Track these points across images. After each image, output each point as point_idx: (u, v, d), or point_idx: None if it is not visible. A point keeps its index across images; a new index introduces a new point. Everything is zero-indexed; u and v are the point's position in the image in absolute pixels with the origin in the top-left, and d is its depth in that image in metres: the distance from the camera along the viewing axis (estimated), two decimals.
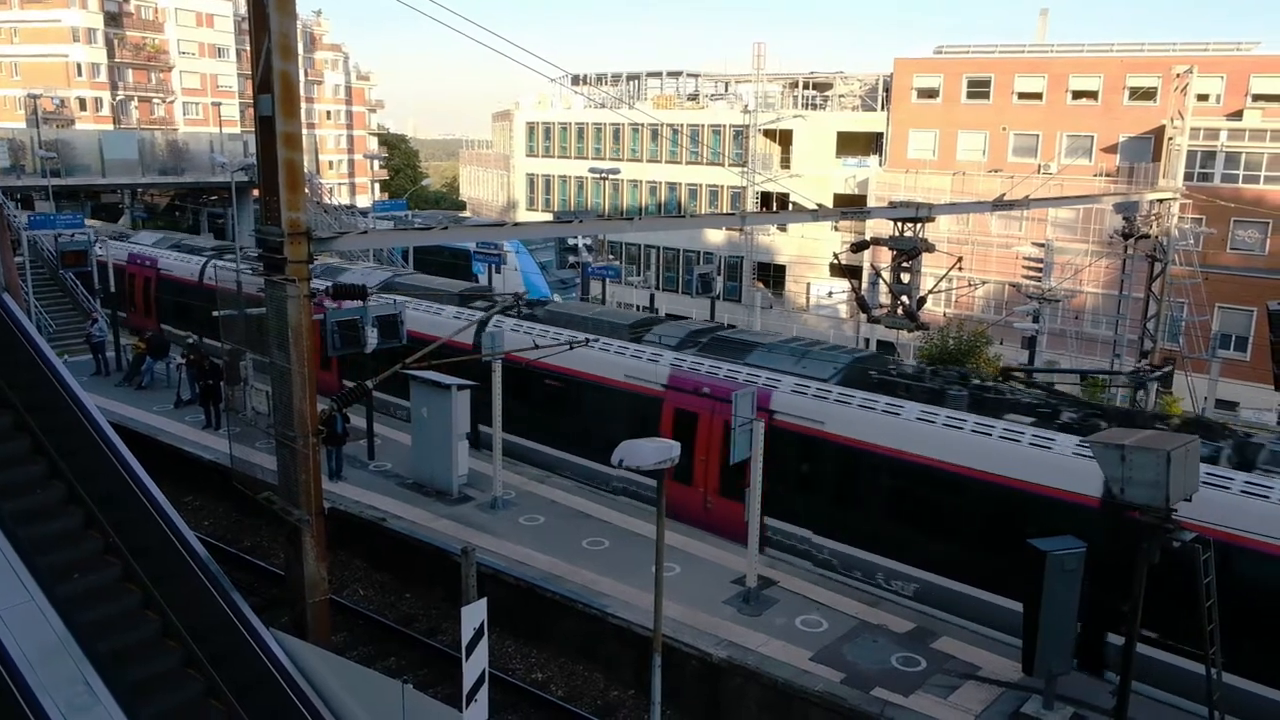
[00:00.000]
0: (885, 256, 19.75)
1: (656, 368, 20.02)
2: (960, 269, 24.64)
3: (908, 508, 16.77)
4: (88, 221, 37.39)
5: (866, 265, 40.46)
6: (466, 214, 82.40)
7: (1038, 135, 47.43)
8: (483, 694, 11.60)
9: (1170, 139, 31.51)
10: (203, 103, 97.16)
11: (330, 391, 15.76)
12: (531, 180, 71.10)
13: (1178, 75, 31.66)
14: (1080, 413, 16.10)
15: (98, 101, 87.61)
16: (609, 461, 10.57)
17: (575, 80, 66.59)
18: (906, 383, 17.49)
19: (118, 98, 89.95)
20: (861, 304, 20.65)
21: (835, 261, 23.81)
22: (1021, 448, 15.43)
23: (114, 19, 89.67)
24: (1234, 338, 40.43)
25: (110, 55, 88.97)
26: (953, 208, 22.75)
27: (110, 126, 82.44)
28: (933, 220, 18.50)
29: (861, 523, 16.94)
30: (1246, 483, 13.62)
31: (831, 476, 17.52)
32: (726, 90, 65.71)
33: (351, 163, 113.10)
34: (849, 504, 17.43)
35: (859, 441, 16.30)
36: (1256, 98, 41.81)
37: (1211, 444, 14.46)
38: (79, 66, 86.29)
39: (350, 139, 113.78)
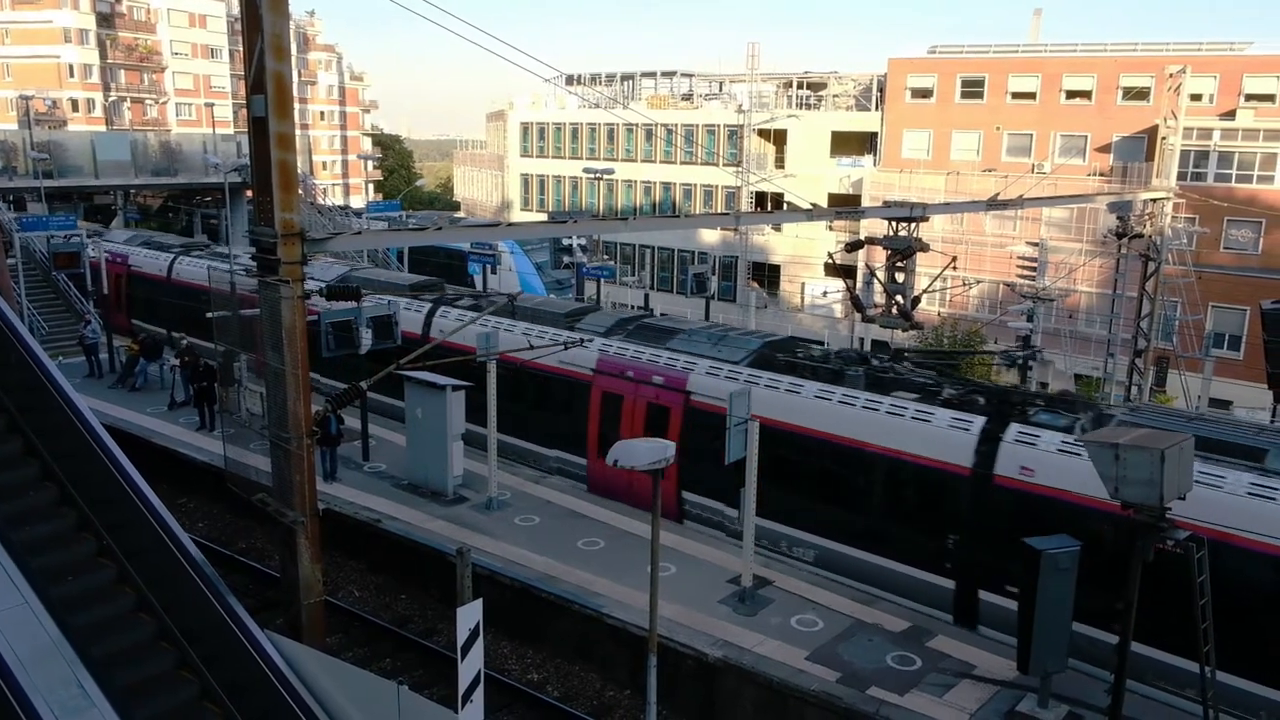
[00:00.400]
0: (880, 256, 19.81)
1: (586, 354, 20.85)
2: (955, 268, 24.81)
3: (808, 479, 17.93)
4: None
5: (861, 265, 40.61)
6: (461, 215, 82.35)
7: (1032, 135, 47.52)
8: (478, 695, 11.58)
9: (1164, 138, 31.54)
10: (196, 104, 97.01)
11: None
12: (526, 180, 71.06)
13: (1171, 75, 31.67)
14: (961, 390, 17.47)
15: (90, 103, 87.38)
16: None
17: (569, 80, 66.60)
18: (809, 364, 18.74)
19: (110, 99, 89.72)
20: (856, 303, 20.69)
21: (830, 261, 23.89)
22: (905, 421, 16.73)
23: (106, 20, 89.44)
24: (1227, 337, 40.53)
25: (102, 56, 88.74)
26: (947, 207, 22.76)
27: (103, 128, 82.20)
28: (927, 220, 18.56)
29: (766, 494, 17.06)
30: None
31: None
32: (721, 90, 65.74)
33: (345, 163, 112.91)
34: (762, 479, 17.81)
35: (764, 418, 16.45)
36: (1249, 97, 41.94)
37: (1070, 416, 15.80)
38: (71, 68, 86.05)
39: (344, 140, 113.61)
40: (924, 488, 16.40)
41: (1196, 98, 40.14)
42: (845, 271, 25.84)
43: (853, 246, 19.55)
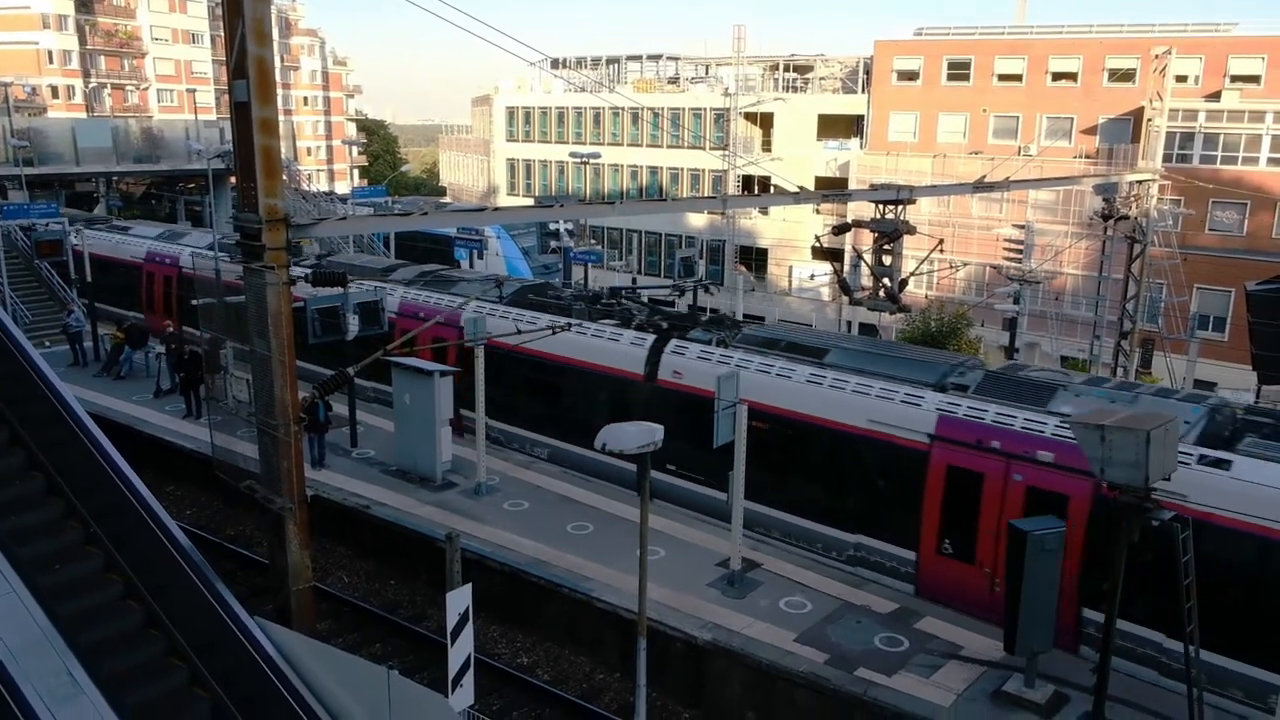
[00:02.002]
0: (867, 239, 19.81)
1: (391, 299, 22.71)
2: (941, 251, 24.90)
3: (543, 392, 22.35)
4: None
5: (848, 248, 40.61)
6: (447, 200, 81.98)
7: (1018, 117, 47.56)
8: (468, 679, 11.63)
9: (1149, 120, 31.64)
10: (177, 90, 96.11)
11: None
12: (512, 165, 70.77)
13: (1156, 56, 31.71)
14: (650, 317, 21.80)
15: (70, 89, 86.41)
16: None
17: (555, 64, 66.26)
18: (551, 301, 23.48)
19: (90, 85, 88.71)
20: (843, 286, 20.70)
21: (817, 245, 23.91)
22: (604, 342, 20.99)
23: (85, 5, 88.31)
24: (1212, 318, 40.77)
25: (82, 42, 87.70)
26: (933, 190, 22.78)
27: (83, 115, 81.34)
28: (914, 203, 18.54)
29: (515, 406, 22.67)
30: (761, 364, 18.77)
31: (496, 374, 21.24)
32: (707, 73, 65.52)
33: (330, 149, 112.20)
34: (508, 393, 22.45)
35: (508, 345, 19.37)
36: (1234, 78, 42.05)
37: (715, 333, 20.30)
38: (50, 54, 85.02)
39: (328, 125, 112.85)
40: (616, 392, 20.29)
41: (1182, 79, 40.23)
42: (832, 255, 25.86)
43: (840, 229, 19.55)
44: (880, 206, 18.57)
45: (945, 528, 16.17)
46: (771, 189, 50.51)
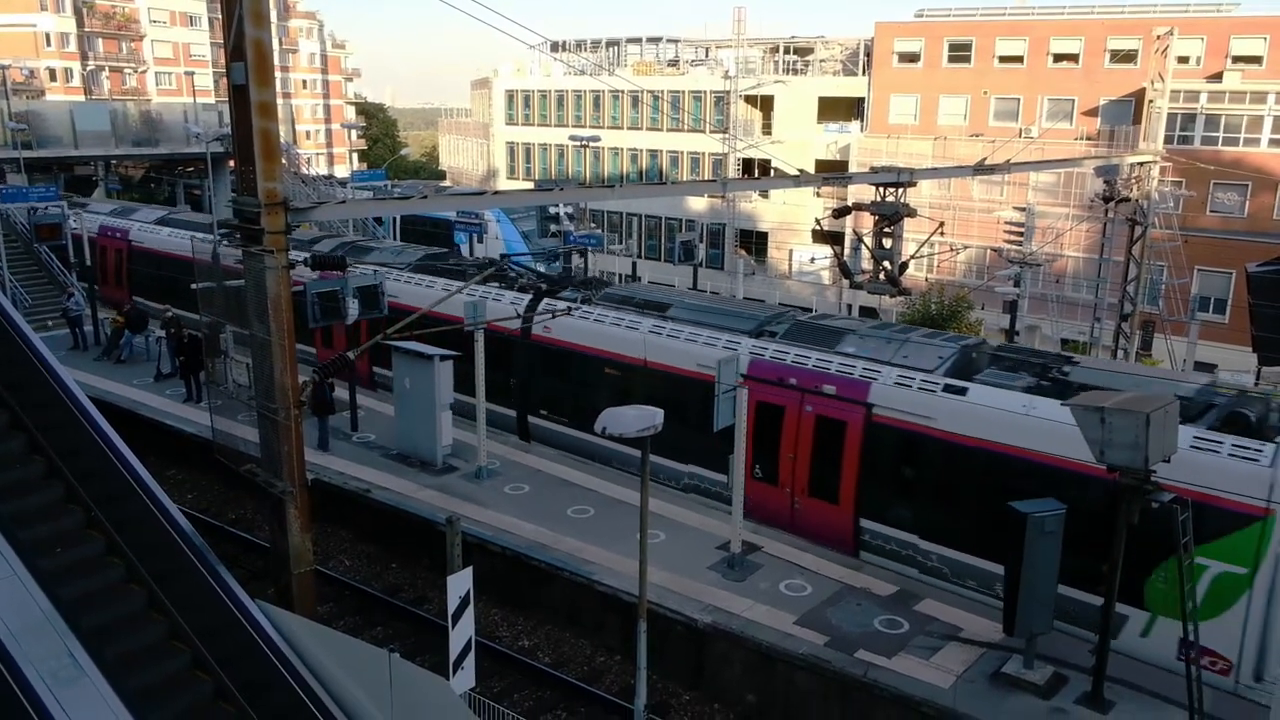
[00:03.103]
0: (867, 222, 19.77)
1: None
2: (942, 234, 24.88)
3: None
4: None
5: (849, 231, 40.54)
6: (446, 183, 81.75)
7: (1019, 99, 47.36)
8: (469, 661, 11.68)
9: (1150, 101, 31.47)
10: (175, 72, 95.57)
11: None
12: (511, 149, 70.54)
13: (1158, 37, 31.52)
14: (532, 279, 23.87)
15: (68, 72, 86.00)
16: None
17: (554, 47, 65.96)
18: (447, 266, 25.30)
19: (88, 68, 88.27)
20: (844, 270, 20.67)
21: (817, 228, 23.86)
22: (491, 301, 21.66)
23: None
24: (1213, 300, 40.74)
25: (80, 25, 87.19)
26: (934, 173, 22.70)
27: (81, 98, 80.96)
28: (914, 185, 18.50)
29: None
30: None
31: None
32: (707, 56, 65.21)
33: (329, 132, 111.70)
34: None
35: (414, 307, 19.06)
36: (1236, 59, 41.85)
37: (583, 292, 22.33)
38: (48, 36, 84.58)
39: (327, 108, 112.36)
40: (500, 347, 21.50)
41: (1184, 60, 40.08)
42: (833, 238, 25.81)
43: (840, 213, 19.50)
44: (881, 189, 18.52)
45: (756, 455, 18.02)
46: (771, 172, 50.36)
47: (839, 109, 54.20)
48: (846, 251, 36.25)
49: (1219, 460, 13.58)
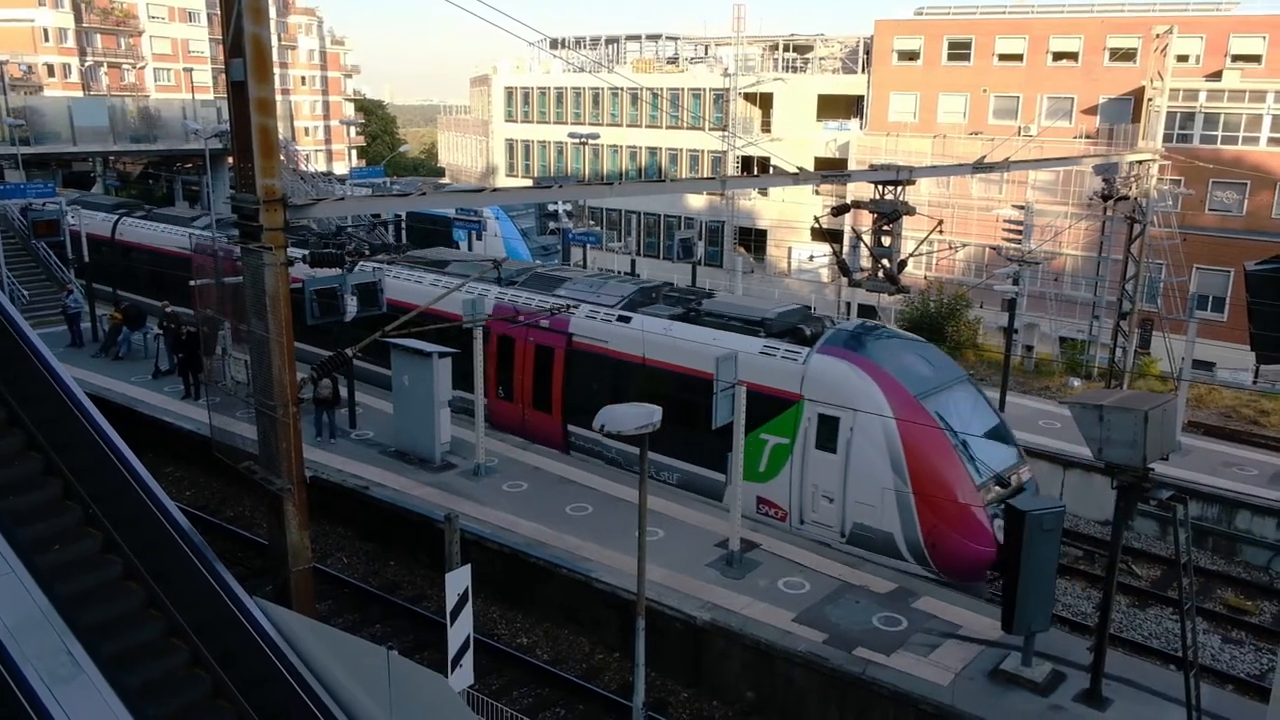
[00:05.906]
0: (866, 220, 19.76)
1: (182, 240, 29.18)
2: (941, 232, 24.90)
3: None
4: None
5: (847, 229, 40.54)
6: (446, 180, 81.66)
7: (1018, 97, 47.34)
8: (468, 659, 11.68)
9: (1150, 100, 31.48)
10: (174, 68, 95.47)
11: None
12: (510, 146, 70.46)
13: (1158, 36, 31.54)
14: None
15: (66, 68, 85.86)
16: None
17: (554, 44, 65.88)
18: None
19: (86, 64, 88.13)
20: (843, 268, 20.64)
21: (816, 226, 23.81)
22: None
23: None
24: (1211, 299, 40.71)
25: (78, 20, 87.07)
26: (933, 171, 22.73)
27: (79, 93, 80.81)
28: (913, 183, 18.49)
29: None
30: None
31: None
32: (706, 53, 65.16)
33: (328, 129, 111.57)
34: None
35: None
36: (1235, 58, 41.83)
37: (394, 254, 26.83)
38: (45, 31, 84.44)
39: (326, 105, 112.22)
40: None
41: (1183, 59, 40.07)
42: (832, 236, 25.82)
43: (839, 210, 19.50)
44: (880, 187, 18.51)
45: (499, 379, 22.92)
46: (771, 170, 50.34)
47: (838, 107, 54.16)
48: (845, 249, 36.28)
49: (775, 362, 18.27)
